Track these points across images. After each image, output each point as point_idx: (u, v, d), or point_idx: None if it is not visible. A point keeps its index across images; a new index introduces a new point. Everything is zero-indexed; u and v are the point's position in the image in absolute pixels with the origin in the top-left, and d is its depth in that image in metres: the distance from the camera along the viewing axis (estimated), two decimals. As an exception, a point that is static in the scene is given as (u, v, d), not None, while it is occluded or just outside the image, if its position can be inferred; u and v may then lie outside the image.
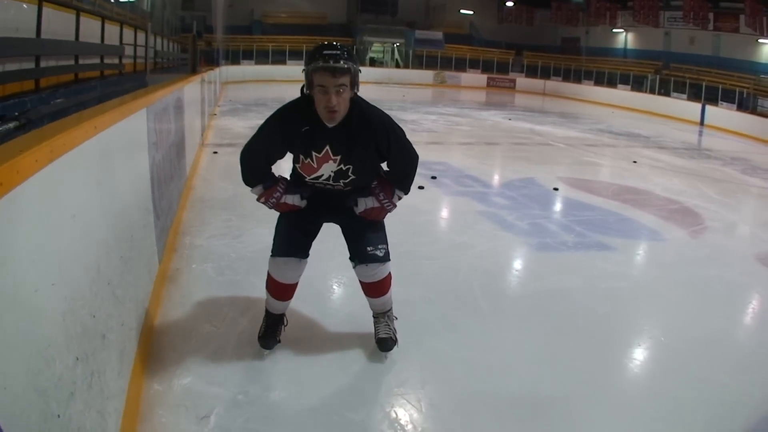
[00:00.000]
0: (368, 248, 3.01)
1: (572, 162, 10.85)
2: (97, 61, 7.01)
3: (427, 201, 6.80)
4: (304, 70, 2.68)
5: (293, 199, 2.97)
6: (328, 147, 2.80)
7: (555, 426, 2.71)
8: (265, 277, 3.12)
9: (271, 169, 3.00)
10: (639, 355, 3.57)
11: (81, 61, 6.12)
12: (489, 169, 9.60)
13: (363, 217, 3.03)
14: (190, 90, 7.52)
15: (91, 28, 6.64)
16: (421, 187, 7.14)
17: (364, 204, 2.99)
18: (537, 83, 36.07)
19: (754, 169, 11.61)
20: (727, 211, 7.67)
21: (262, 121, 2.93)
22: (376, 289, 3.13)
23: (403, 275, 3.68)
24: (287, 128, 2.82)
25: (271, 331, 3.14)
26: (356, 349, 3.22)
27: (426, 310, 3.78)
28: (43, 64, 4.82)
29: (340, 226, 3.15)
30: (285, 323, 3.23)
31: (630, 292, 4.50)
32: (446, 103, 23.65)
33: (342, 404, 2.75)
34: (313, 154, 2.82)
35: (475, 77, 36.45)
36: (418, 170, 3.15)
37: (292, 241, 3.03)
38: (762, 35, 25.25)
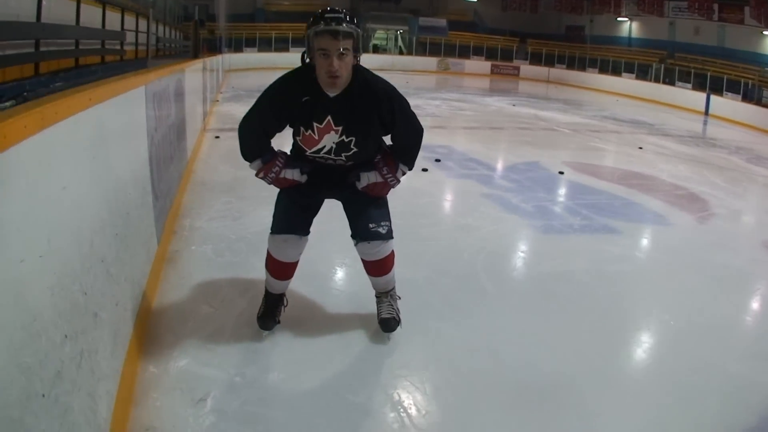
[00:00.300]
0: (370, 225, 2.90)
1: (577, 147, 10.74)
2: (98, 46, 6.89)
3: (430, 183, 6.72)
4: (305, 35, 2.56)
5: (293, 174, 2.86)
6: (329, 117, 2.68)
7: (561, 408, 2.62)
8: (263, 261, 3.04)
9: (270, 143, 2.88)
10: (646, 338, 3.50)
11: (82, 47, 6.02)
12: (493, 153, 9.49)
13: (365, 194, 2.93)
14: (192, 73, 7.41)
15: (91, 15, 6.54)
16: (424, 170, 7.07)
17: (367, 179, 2.89)
18: (541, 71, 35.87)
19: (759, 159, 11.50)
20: (734, 198, 7.59)
21: None
22: (378, 267, 3.03)
23: (405, 255, 3.56)
24: (287, 98, 2.70)
25: (270, 312, 3.05)
26: (358, 330, 3.14)
27: (429, 292, 3.71)
28: (43, 49, 4.74)
29: (342, 203, 3.04)
30: (285, 304, 3.14)
31: (637, 276, 4.42)
32: (450, 89, 23.50)
33: (343, 386, 2.67)
34: (314, 125, 2.70)
35: (479, 64, 36.26)
36: (422, 153, 3.06)
37: (292, 217, 2.92)
38: (767, 27, 25.04)
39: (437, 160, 7.89)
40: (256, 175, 2.92)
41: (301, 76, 2.67)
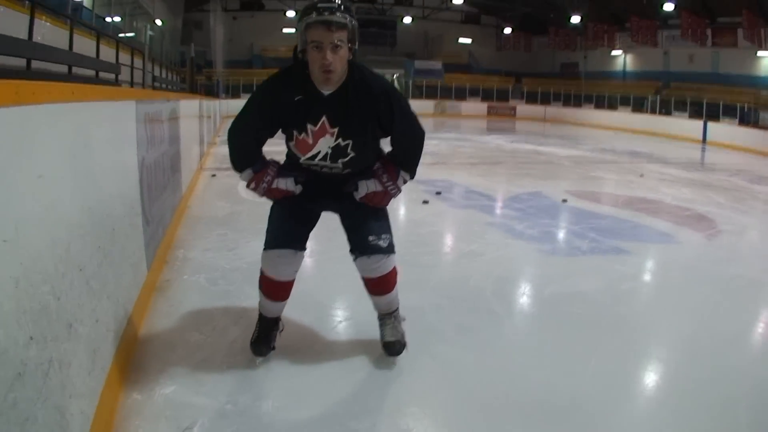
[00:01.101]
0: (369, 238, 2.69)
1: (578, 177, 10.62)
2: (92, 75, 6.76)
3: (432, 215, 6.57)
4: (296, 29, 2.44)
5: (286, 183, 2.67)
6: (324, 117, 2.51)
7: (584, 430, 2.40)
8: (258, 290, 2.84)
9: (260, 151, 2.69)
10: (666, 351, 3.28)
11: (75, 75, 5.88)
12: (494, 185, 9.35)
13: (364, 204, 2.73)
14: (187, 106, 7.36)
15: (85, 48, 6.46)
16: (425, 202, 6.92)
17: (366, 187, 2.69)
18: (537, 109, 36.10)
19: (761, 179, 11.48)
20: (740, 215, 7.51)
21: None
22: (379, 285, 2.80)
23: (408, 282, 3.32)
24: (277, 98, 2.53)
25: (265, 337, 2.84)
26: (360, 355, 2.93)
27: (436, 317, 3.50)
28: (35, 69, 4.62)
29: (339, 215, 2.84)
30: (280, 329, 2.91)
31: (651, 292, 4.29)
32: (447, 129, 23.59)
33: (344, 414, 2.44)
34: (309, 127, 2.53)
35: (476, 106, 36.53)
36: (421, 186, 2.97)
37: (286, 231, 2.71)
38: (761, 47, 25.22)
39: (438, 193, 7.71)
40: (247, 186, 2.72)
41: (293, 74, 2.53)
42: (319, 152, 2.60)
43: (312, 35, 2.35)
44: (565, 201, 7.63)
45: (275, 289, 2.78)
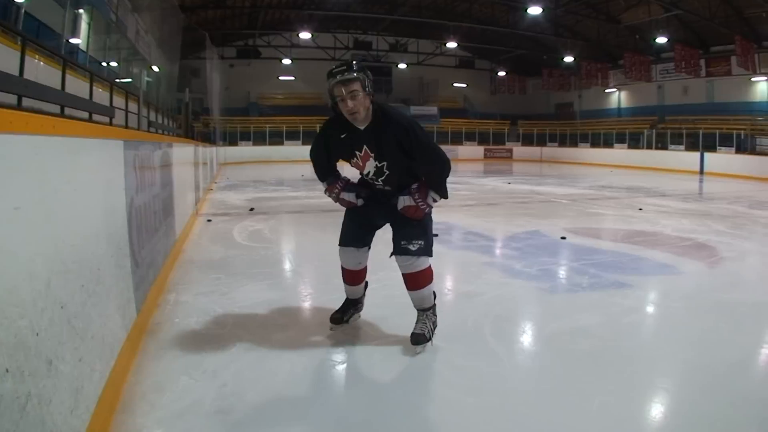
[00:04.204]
0: (402, 242, 3.42)
1: (577, 214, 10.56)
2: (85, 117, 6.71)
3: (429, 256, 6.45)
4: (327, 90, 3.22)
5: (349, 196, 3.58)
6: (365, 146, 3.32)
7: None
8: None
9: (333, 168, 3.63)
10: (676, 381, 3.19)
11: (67, 116, 5.83)
12: (492, 225, 9.28)
13: (404, 216, 3.44)
14: (181, 150, 7.38)
15: (80, 91, 6.46)
16: (422, 244, 6.83)
17: (402, 201, 3.41)
18: (534, 151, 36.36)
19: (760, 204, 11.55)
20: (741, 241, 7.50)
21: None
22: (411, 280, 3.50)
23: (405, 325, 3.63)
24: (330, 137, 3.45)
25: (342, 311, 3.82)
26: (356, 400, 2.87)
27: (434, 359, 3.41)
28: (26, 105, 4.59)
29: (390, 225, 3.57)
30: (360, 309, 3.95)
31: (656, 324, 4.20)
32: (445, 173, 23.49)
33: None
34: (357, 153, 3.37)
35: (472, 149, 36.81)
36: None
37: (350, 233, 3.65)
38: (755, 73, 25.41)
39: (435, 235, 7.64)
40: (324, 192, 3.64)
41: (337, 119, 3.35)
42: (369, 171, 3.46)
43: (335, 92, 3.16)
44: (563, 238, 7.57)
45: (348, 275, 3.76)
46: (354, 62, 3.17)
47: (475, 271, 5.76)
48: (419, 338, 3.44)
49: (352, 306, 3.86)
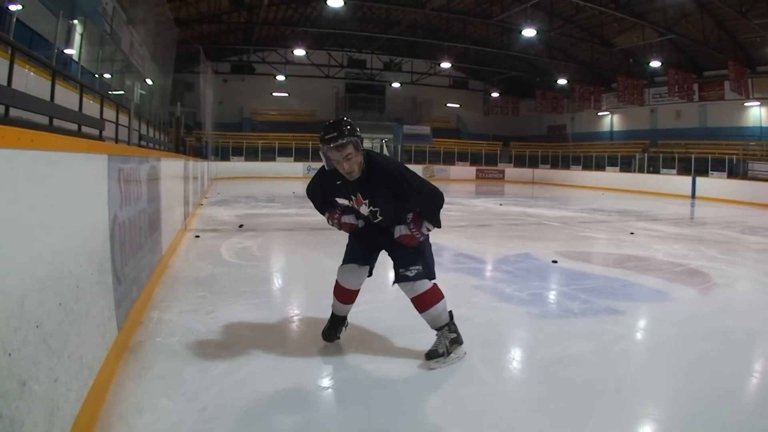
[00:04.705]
0: (400, 270, 3.62)
1: (568, 237, 10.52)
2: (74, 129, 6.60)
3: (418, 278, 6.37)
4: (321, 152, 3.39)
5: (350, 219, 3.74)
6: (359, 193, 3.53)
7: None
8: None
9: (332, 200, 3.77)
10: (669, 411, 3.12)
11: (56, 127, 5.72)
12: (483, 248, 9.22)
13: (401, 243, 3.61)
14: (170, 165, 7.28)
15: (71, 102, 6.37)
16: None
17: (399, 231, 3.60)
18: (526, 172, 36.44)
19: (752, 229, 11.57)
20: (733, 267, 7.48)
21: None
22: (417, 302, 3.67)
23: (392, 350, 3.75)
24: (326, 182, 3.62)
25: (334, 328, 3.93)
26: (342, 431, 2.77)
27: (422, 387, 3.34)
28: (13, 116, 4.51)
29: (387, 251, 3.75)
30: (346, 325, 4.00)
31: (647, 352, 4.13)
32: (436, 193, 23.46)
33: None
34: (352, 197, 3.60)
35: (464, 170, 36.85)
36: None
37: (353, 252, 3.81)
38: (748, 98, 25.55)
39: (428, 256, 7.59)
40: (327, 221, 3.80)
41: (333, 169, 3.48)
42: (364, 213, 3.68)
43: (330, 156, 3.33)
44: (555, 262, 7.51)
45: (344, 294, 3.85)
46: (343, 125, 3.28)
47: (466, 294, 5.67)
48: (431, 354, 3.64)
49: (341, 323, 3.96)
